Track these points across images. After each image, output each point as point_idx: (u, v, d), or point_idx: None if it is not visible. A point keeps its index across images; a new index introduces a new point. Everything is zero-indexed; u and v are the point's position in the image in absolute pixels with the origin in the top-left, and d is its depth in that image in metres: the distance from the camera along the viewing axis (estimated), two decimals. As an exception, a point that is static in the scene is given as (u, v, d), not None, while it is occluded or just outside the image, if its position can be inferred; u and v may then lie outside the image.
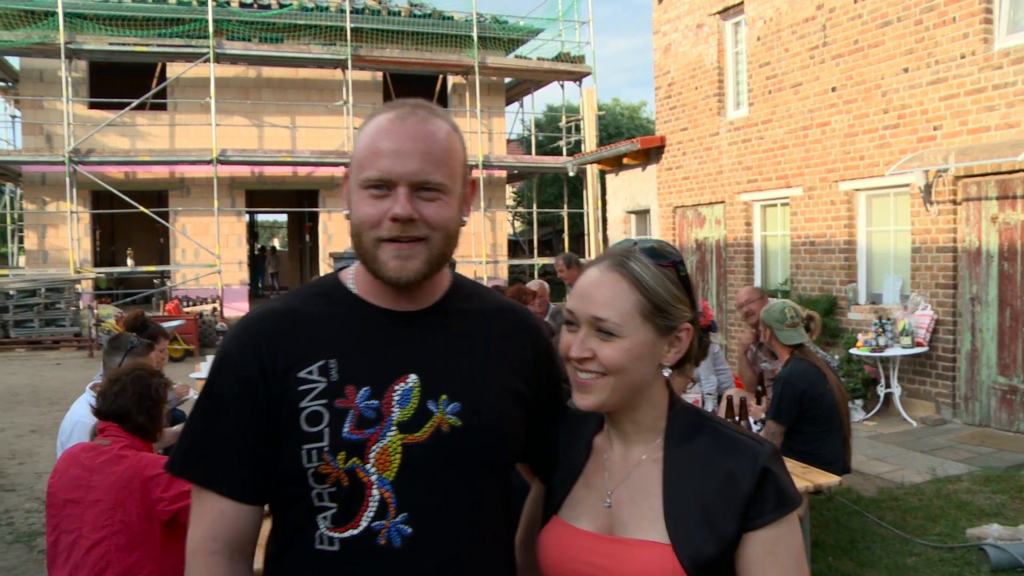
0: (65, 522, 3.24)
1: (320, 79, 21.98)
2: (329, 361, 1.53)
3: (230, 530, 1.53)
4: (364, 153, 1.52)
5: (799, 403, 5.02)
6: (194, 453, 1.56)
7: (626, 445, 1.59)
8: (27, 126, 20.52)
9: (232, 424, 1.53)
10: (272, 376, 1.52)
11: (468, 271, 21.53)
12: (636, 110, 36.04)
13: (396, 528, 1.50)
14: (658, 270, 1.53)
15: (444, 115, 1.58)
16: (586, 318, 1.51)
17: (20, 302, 17.51)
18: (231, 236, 21.49)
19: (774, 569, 1.44)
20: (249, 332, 1.57)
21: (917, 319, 9.38)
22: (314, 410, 1.50)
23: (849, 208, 10.74)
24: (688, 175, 14.08)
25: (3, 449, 8.84)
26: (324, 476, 1.49)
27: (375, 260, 1.52)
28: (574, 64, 23.65)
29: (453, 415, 1.54)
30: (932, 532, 5.83)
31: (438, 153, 1.52)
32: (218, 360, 1.58)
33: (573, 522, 1.58)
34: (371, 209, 1.51)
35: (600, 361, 1.49)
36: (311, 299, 1.63)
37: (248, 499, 1.54)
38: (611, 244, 1.64)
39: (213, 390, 1.57)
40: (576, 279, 1.78)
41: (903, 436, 8.75)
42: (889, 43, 9.97)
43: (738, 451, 1.50)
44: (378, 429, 1.50)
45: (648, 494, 1.52)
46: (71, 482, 3.26)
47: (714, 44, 13.42)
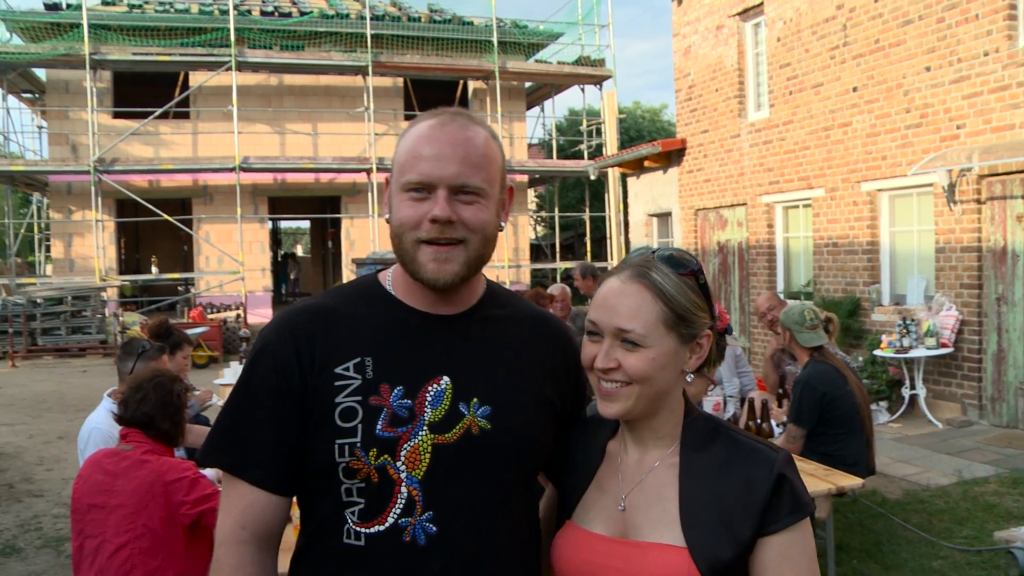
0: (89, 527, 3.27)
1: (341, 86, 22.08)
2: (365, 359, 1.56)
3: (259, 520, 1.56)
4: (405, 158, 1.57)
5: (819, 405, 4.98)
6: (227, 441, 1.59)
7: (642, 450, 1.62)
8: (53, 136, 20.76)
9: (267, 414, 1.56)
10: (309, 370, 1.55)
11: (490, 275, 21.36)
12: (657, 113, 35.92)
13: (422, 526, 1.52)
14: (679, 279, 1.57)
15: (483, 123, 1.63)
16: (610, 329, 1.53)
17: (47, 310, 17.71)
18: (254, 243, 21.62)
19: (789, 573, 1.47)
20: (289, 325, 1.61)
21: (942, 320, 9.29)
22: (349, 406, 1.53)
23: (872, 209, 10.65)
24: (709, 177, 14.03)
25: (31, 455, 8.94)
26: (355, 471, 1.52)
27: (414, 261, 1.56)
28: (594, 67, 23.62)
29: (483, 418, 1.58)
30: (959, 535, 5.77)
31: (476, 158, 1.57)
32: (256, 351, 1.61)
33: (586, 526, 1.60)
34: (411, 211, 1.55)
35: (625, 371, 1.52)
36: (350, 298, 1.67)
37: (278, 490, 1.57)
38: (632, 249, 1.66)
39: (250, 380, 1.60)
40: (592, 289, 1.80)
41: (928, 438, 8.66)
42: (911, 42, 9.89)
43: (754, 458, 1.53)
44: (410, 428, 1.53)
45: (663, 498, 1.54)
46: (94, 487, 3.29)
47: (734, 46, 13.37)
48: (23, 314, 17.21)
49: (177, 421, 3.47)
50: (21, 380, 14.58)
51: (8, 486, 7.72)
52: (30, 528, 6.54)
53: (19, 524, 6.64)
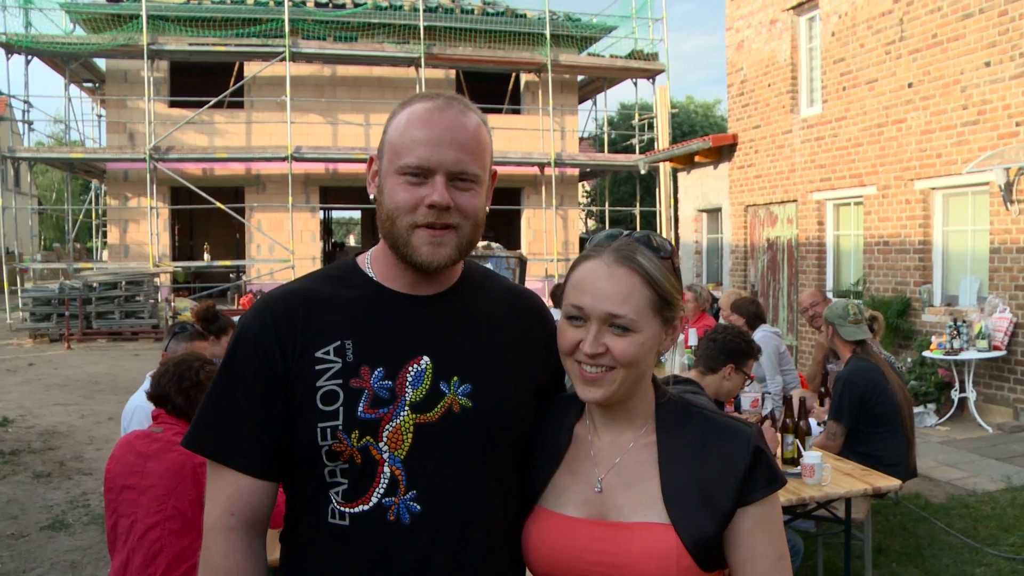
0: (122, 507, 3.33)
1: (394, 77, 22.20)
2: (345, 342, 1.56)
3: (247, 506, 1.57)
4: (401, 140, 1.56)
5: (860, 402, 4.92)
6: (211, 429, 1.60)
7: (615, 432, 1.62)
8: (111, 125, 21.18)
9: (249, 400, 1.57)
10: (291, 354, 1.55)
11: (540, 269, 21.55)
12: (710, 108, 35.62)
13: (405, 505, 1.53)
14: (660, 263, 1.56)
15: (475, 108, 1.63)
16: (600, 314, 1.52)
17: (102, 294, 18.06)
18: (305, 232, 21.85)
19: (763, 539, 1.53)
20: (269, 310, 1.60)
21: (995, 322, 9.08)
22: (330, 389, 1.53)
23: (925, 207, 10.44)
24: (760, 173, 13.87)
25: (82, 435, 9.14)
26: (338, 454, 1.53)
27: (408, 244, 1.56)
28: (647, 61, 23.45)
29: (464, 396, 1.58)
30: (1005, 543, 5.63)
31: (473, 145, 1.58)
32: (237, 337, 1.62)
33: (560, 510, 1.60)
34: (407, 195, 1.55)
35: (614, 356, 1.52)
36: (330, 281, 1.67)
37: (264, 475, 1.58)
38: (596, 233, 1.65)
39: (232, 366, 1.60)
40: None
41: (977, 442, 8.48)
42: (970, 36, 9.66)
43: (730, 434, 1.57)
44: (391, 409, 1.54)
45: (643, 478, 1.56)
46: (126, 468, 3.35)
47: (787, 40, 13.18)
48: (79, 298, 17.58)
49: (192, 397, 3.46)
50: (75, 362, 14.90)
51: (60, 463, 7.91)
52: (79, 505, 6.70)
53: (68, 500, 6.80)
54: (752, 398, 4.90)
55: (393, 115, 1.62)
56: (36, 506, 6.67)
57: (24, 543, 5.86)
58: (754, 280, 14.13)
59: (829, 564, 5.10)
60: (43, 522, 6.28)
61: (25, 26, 19.78)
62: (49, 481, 7.36)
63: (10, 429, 9.40)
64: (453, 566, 1.55)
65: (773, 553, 1.53)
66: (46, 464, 7.90)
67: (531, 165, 22.29)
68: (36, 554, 5.65)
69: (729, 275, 14.84)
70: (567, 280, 1.60)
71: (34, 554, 5.65)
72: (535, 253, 22.31)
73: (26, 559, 5.56)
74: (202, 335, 4.82)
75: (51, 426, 9.56)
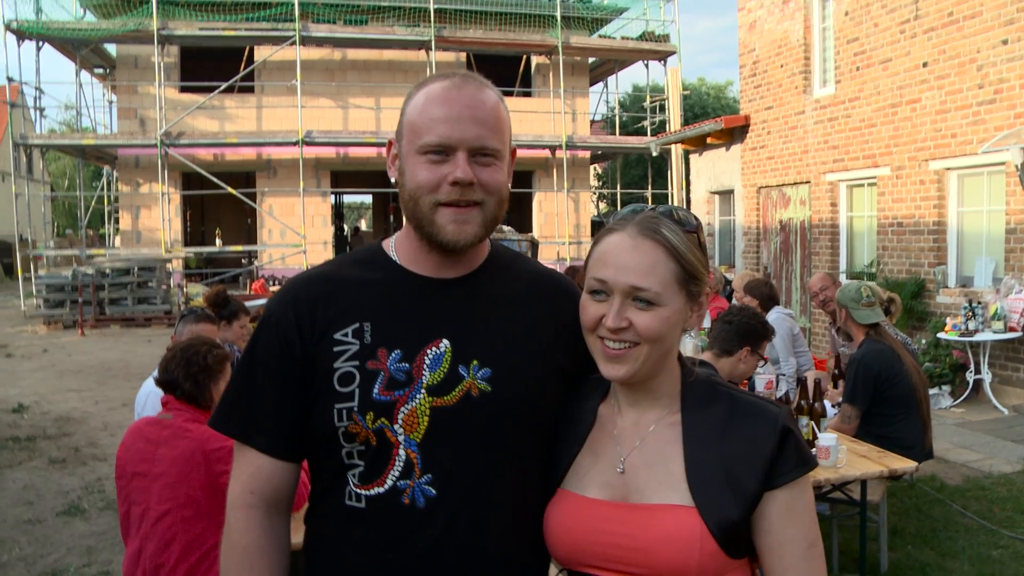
0: (134, 494, 3.33)
1: (404, 60, 22.16)
2: (364, 324, 1.57)
3: (267, 485, 1.59)
4: (421, 120, 1.55)
5: (874, 384, 4.88)
6: (235, 409, 1.64)
7: (638, 411, 1.58)
8: (122, 110, 21.24)
9: (270, 382, 1.59)
10: (309, 337, 1.57)
11: (551, 252, 21.52)
12: (722, 89, 35.43)
13: (420, 488, 1.53)
14: (685, 236, 1.52)
15: (491, 85, 1.62)
16: (623, 287, 1.48)
17: (115, 281, 18.12)
18: (316, 216, 21.88)
19: (792, 525, 1.47)
20: (292, 294, 1.63)
21: (1011, 303, 9.01)
22: (346, 371, 1.54)
23: (939, 188, 10.35)
24: (772, 155, 13.78)
25: (96, 421, 9.19)
26: (354, 435, 1.53)
27: (432, 224, 1.55)
28: (658, 43, 23.34)
29: (483, 380, 1.56)
30: (1021, 524, 5.61)
31: (492, 121, 1.56)
32: (261, 321, 1.64)
33: (582, 492, 1.56)
34: (429, 174, 1.53)
35: (638, 331, 1.48)
36: (353, 265, 1.68)
37: (284, 455, 1.60)
38: (627, 208, 1.60)
39: (255, 349, 1.63)
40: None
41: (993, 424, 8.43)
42: (987, 13, 9.54)
43: (757, 414, 1.51)
44: (407, 391, 1.53)
45: (666, 458, 1.51)
46: (136, 455, 3.34)
47: (800, 20, 13.06)
48: (92, 284, 17.64)
49: (200, 382, 3.44)
50: (89, 348, 14.98)
51: (74, 449, 7.95)
52: (94, 490, 6.73)
53: (84, 486, 6.84)
54: (766, 380, 4.88)
55: (410, 97, 1.61)
56: (52, 492, 6.70)
57: (40, 528, 5.89)
58: (767, 262, 14.08)
59: (844, 546, 5.08)
60: (59, 508, 6.31)
61: (36, 12, 19.83)
62: (64, 467, 7.40)
63: (25, 415, 9.46)
64: (468, 551, 1.53)
65: (803, 539, 1.47)
66: (61, 450, 7.94)
67: (542, 148, 22.24)
68: (52, 539, 5.69)
69: (742, 257, 14.78)
70: (590, 254, 1.57)
71: (50, 539, 5.69)
72: (547, 236, 22.29)
73: (43, 544, 5.60)
74: (210, 318, 4.82)
75: (65, 412, 9.62)
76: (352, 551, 1.57)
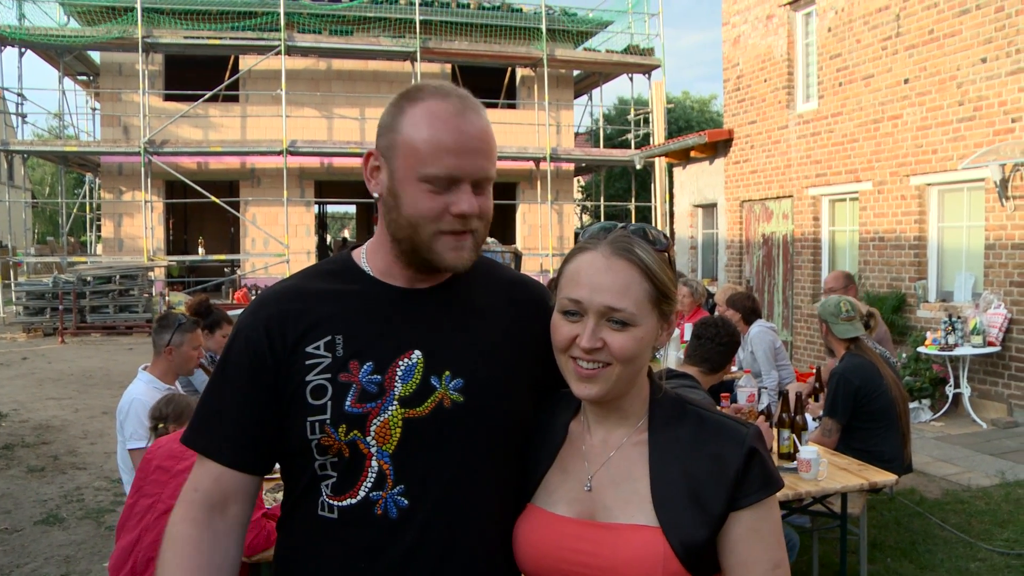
0: (148, 486, 3.36)
1: (389, 71, 22.19)
2: (336, 337, 1.56)
3: (212, 485, 1.58)
4: (426, 148, 1.51)
5: (854, 398, 4.91)
6: (202, 424, 1.62)
7: (606, 429, 1.58)
8: (106, 118, 21.16)
9: (237, 396, 1.58)
10: (281, 351, 1.55)
11: (535, 263, 21.55)
12: (706, 103, 35.64)
13: (393, 499, 1.53)
14: (657, 256, 1.52)
15: (479, 104, 1.61)
16: (598, 308, 1.47)
17: (96, 288, 18.01)
18: (300, 226, 21.84)
19: (757, 546, 1.46)
20: (262, 309, 1.61)
21: (989, 318, 9.09)
22: (319, 383, 1.53)
23: (920, 203, 10.45)
24: (756, 169, 13.87)
25: (76, 429, 9.11)
26: (327, 447, 1.53)
27: (431, 251, 1.55)
28: (643, 57, 23.46)
29: (455, 391, 1.56)
30: (999, 537, 5.64)
31: (490, 149, 1.57)
32: (232, 335, 1.63)
33: (551, 508, 1.56)
34: (433, 204, 1.53)
35: (612, 352, 1.47)
36: (323, 276, 1.67)
37: (237, 465, 1.58)
38: (589, 225, 1.60)
39: (226, 364, 1.62)
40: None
41: (972, 438, 8.49)
42: (967, 32, 9.66)
43: (724, 433, 1.51)
44: (380, 403, 1.53)
45: (632, 477, 1.51)
46: (168, 453, 3.38)
47: (784, 35, 13.17)
48: (73, 292, 17.53)
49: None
50: (69, 356, 14.87)
51: (53, 458, 7.89)
52: (73, 499, 6.68)
53: (63, 495, 6.78)
54: (748, 393, 4.90)
55: (400, 109, 1.57)
56: (30, 500, 6.64)
57: (18, 538, 5.84)
58: (749, 275, 14.14)
59: (825, 559, 5.10)
60: (37, 516, 6.25)
61: (19, 18, 19.75)
62: (43, 475, 7.34)
63: (3, 423, 9.37)
64: (441, 563, 1.53)
65: (768, 560, 1.46)
66: (40, 459, 7.87)
67: (526, 160, 22.29)
68: (30, 548, 5.63)
69: (724, 270, 14.84)
70: (561, 273, 1.55)
71: (28, 549, 5.63)
72: (530, 248, 22.33)
73: (19, 554, 5.54)
74: (198, 324, 4.82)
75: (45, 420, 9.54)
76: (324, 562, 1.56)
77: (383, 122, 1.60)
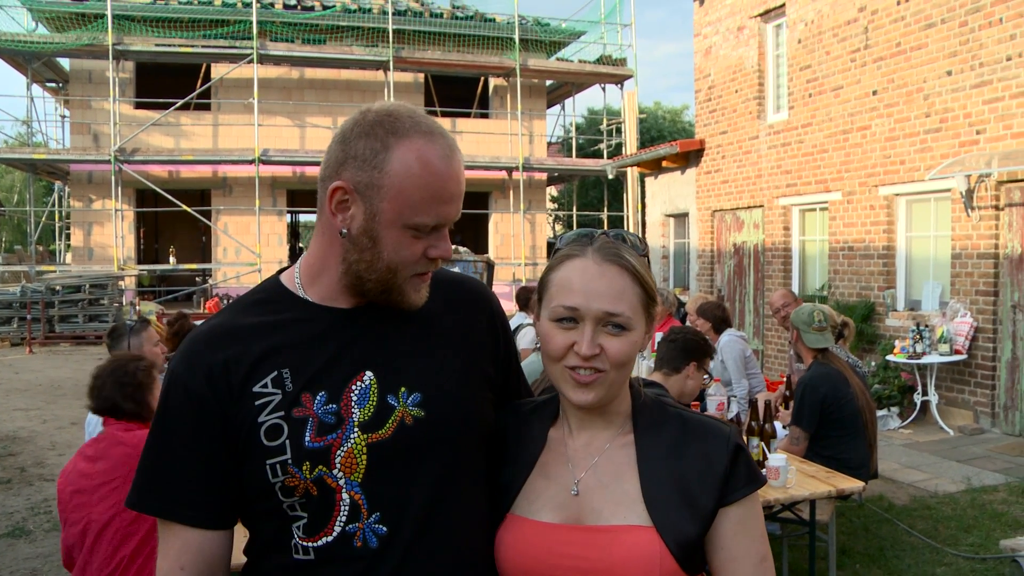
0: (73, 514, 3.29)
1: (362, 80, 22.17)
2: (282, 371, 1.49)
3: (197, 558, 1.50)
4: (417, 196, 1.46)
5: (821, 407, 4.96)
6: (152, 484, 1.52)
7: (590, 433, 1.57)
8: (75, 126, 20.96)
9: (187, 449, 1.49)
10: (225, 395, 1.47)
11: (507, 273, 21.57)
12: (678, 113, 35.87)
13: (370, 528, 1.47)
14: (640, 260, 1.54)
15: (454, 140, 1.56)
16: (596, 314, 1.47)
17: (65, 298, 17.83)
18: (272, 235, 21.73)
19: (745, 540, 1.50)
20: (196, 352, 1.52)
21: (956, 326, 9.22)
22: (273, 423, 1.46)
23: (888, 213, 10.58)
24: (727, 179, 13.98)
25: (44, 440, 9.01)
26: (292, 488, 1.46)
27: (402, 292, 1.52)
28: (615, 67, 23.60)
29: (415, 406, 1.51)
30: (964, 542, 5.72)
31: (463, 190, 1.55)
32: (167, 386, 1.52)
33: (534, 516, 1.54)
34: (415, 249, 1.50)
35: (609, 357, 1.48)
36: (253, 309, 1.58)
37: (212, 525, 1.51)
38: (566, 236, 1.60)
39: (165, 416, 1.52)
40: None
41: (939, 445, 8.59)
42: (932, 45, 9.81)
43: (709, 432, 1.54)
44: (340, 433, 1.47)
45: (621, 479, 1.51)
46: (77, 475, 3.32)
47: (755, 47, 13.30)
48: (41, 301, 17.36)
49: (139, 399, 3.42)
50: (37, 366, 14.71)
51: (20, 469, 7.80)
52: (40, 511, 6.60)
53: (29, 507, 6.70)
54: (718, 401, 4.94)
55: (387, 147, 1.45)
56: (-4, 512, 6.58)
57: (-16, 550, 5.77)
58: (721, 285, 14.24)
59: (794, 566, 5.14)
60: (3, 529, 6.18)
61: (-14, 24, 19.52)
62: (9, 488, 7.25)
63: (-30, 434, 9.26)
64: None
65: (756, 553, 1.50)
66: (6, 470, 7.78)
67: (499, 169, 22.33)
68: (-4, 561, 5.57)
69: (696, 280, 14.93)
70: (548, 281, 1.54)
71: (-6, 561, 5.57)
72: (503, 257, 22.35)
73: (-14, 566, 5.49)
74: (147, 322, 4.80)
75: (12, 431, 9.42)
76: None
77: (357, 152, 1.46)
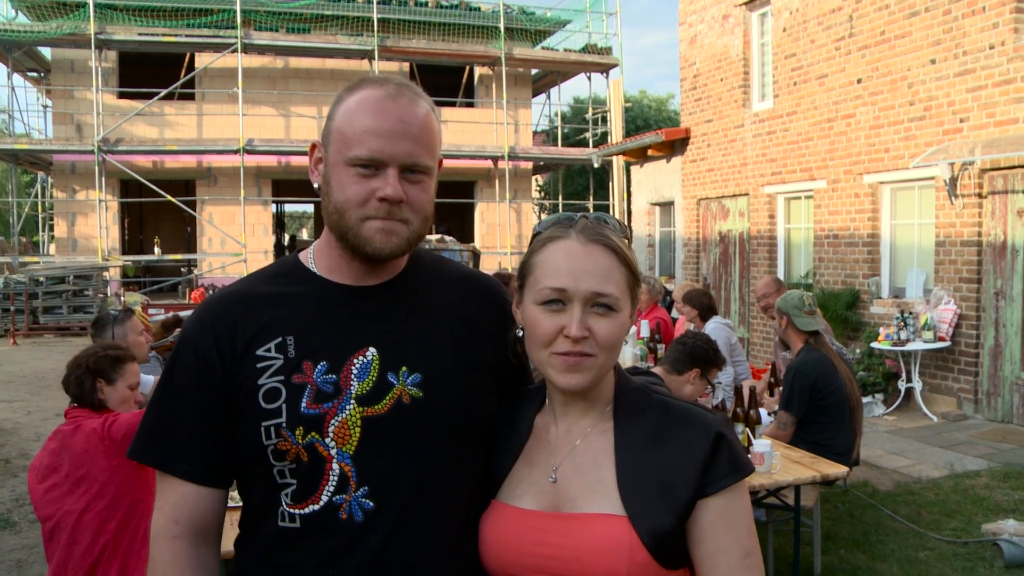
0: (45, 510, 3.29)
1: (347, 69, 22.06)
2: (287, 338, 1.52)
3: (192, 513, 1.53)
4: (351, 130, 1.49)
5: (810, 393, 5.00)
6: (152, 438, 1.57)
7: (571, 419, 1.54)
8: (58, 115, 20.78)
9: (190, 406, 1.53)
10: (230, 357, 1.51)
11: (493, 262, 21.56)
12: (664, 102, 35.86)
13: (357, 502, 1.48)
14: (623, 240, 1.51)
15: (425, 95, 1.57)
16: (584, 295, 1.44)
17: (49, 289, 17.71)
18: (257, 225, 21.64)
19: (727, 533, 1.42)
20: (208, 315, 1.57)
21: (940, 313, 9.28)
22: (272, 387, 1.49)
23: (873, 201, 10.63)
24: (712, 167, 14.00)
25: (29, 432, 8.97)
26: (284, 452, 1.48)
27: (358, 236, 1.51)
28: (601, 56, 23.56)
29: (414, 386, 1.52)
30: (947, 527, 5.78)
31: (426, 136, 1.52)
32: (178, 345, 1.58)
33: (515, 502, 1.52)
34: (358, 188, 1.49)
35: (597, 339, 1.44)
36: (270, 279, 1.63)
37: (208, 482, 1.54)
38: (547, 220, 1.58)
39: (173, 373, 1.56)
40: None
41: (923, 431, 8.66)
42: (916, 34, 9.85)
43: (691, 421, 1.48)
44: (336, 403, 1.48)
45: (597, 466, 1.48)
46: (44, 472, 3.33)
47: (740, 35, 13.32)
48: (25, 292, 17.23)
49: (83, 384, 3.45)
50: (21, 357, 14.61)
51: (5, 461, 7.77)
52: (25, 502, 6.57)
53: (14, 499, 6.68)
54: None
55: (339, 99, 1.54)
56: (-19, 504, 6.55)
57: (-31, 542, 5.75)
58: (706, 273, 14.28)
59: (779, 551, 5.18)
60: (-12, 520, 6.17)
61: (-35, 13, 19.32)
62: (-6, 479, 7.23)
63: (-46, 426, 9.21)
64: (410, 564, 1.48)
65: (738, 548, 1.42)
66: (-9, 461, 7.76)
67: (484, 158, 22.30)
68: (-19, 553, 5.55)
69: (682, 268, 14.97)
70: (532, 264, 1.51)
71: (-21, 553, 5.55)
72: (488, 247, 22.35)
73: (-29, 558, 5.47)
74: (131, 312, 4.80)
75: (-4, 423, 9.39)
76: (289, 573, 1.50)
77: (328, 114, 1.58)
